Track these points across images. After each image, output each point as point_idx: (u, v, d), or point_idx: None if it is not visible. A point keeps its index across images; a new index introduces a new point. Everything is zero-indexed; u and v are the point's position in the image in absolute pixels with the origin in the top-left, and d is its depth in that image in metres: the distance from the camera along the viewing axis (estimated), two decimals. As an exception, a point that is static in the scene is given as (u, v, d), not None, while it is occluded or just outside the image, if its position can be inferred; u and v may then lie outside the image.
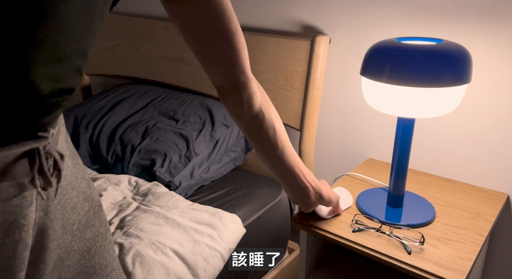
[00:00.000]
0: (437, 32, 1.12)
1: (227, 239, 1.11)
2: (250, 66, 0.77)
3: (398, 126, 0.97)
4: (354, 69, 1.29)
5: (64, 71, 0.47)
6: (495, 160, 1.12)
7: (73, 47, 0.47)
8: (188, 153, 1.34)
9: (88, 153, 1.50)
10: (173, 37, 1.63)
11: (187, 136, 1.38)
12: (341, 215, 1.03)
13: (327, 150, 1.44)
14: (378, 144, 1.31)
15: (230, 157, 1.44)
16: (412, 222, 0.98)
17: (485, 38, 1.05)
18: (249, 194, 1.32)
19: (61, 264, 0.59)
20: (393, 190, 1.03)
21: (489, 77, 1.07)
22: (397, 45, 0.86)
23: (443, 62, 0.82)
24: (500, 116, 1.08)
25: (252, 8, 1.46)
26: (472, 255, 0.88)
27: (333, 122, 1.39)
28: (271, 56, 1.36)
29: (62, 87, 0.47)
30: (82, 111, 1.62)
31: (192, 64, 1.59)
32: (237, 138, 1.45)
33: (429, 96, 0.85)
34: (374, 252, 0.91)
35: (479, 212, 1.03)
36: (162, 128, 1.43)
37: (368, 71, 0.90)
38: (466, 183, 1.17)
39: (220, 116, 1.44)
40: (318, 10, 1.31)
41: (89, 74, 2.00)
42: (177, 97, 1.59)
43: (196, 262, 1.03)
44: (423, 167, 1.24)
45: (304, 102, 1.31)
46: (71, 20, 0.44)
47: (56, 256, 0.57)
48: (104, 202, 1.20)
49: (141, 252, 0.99)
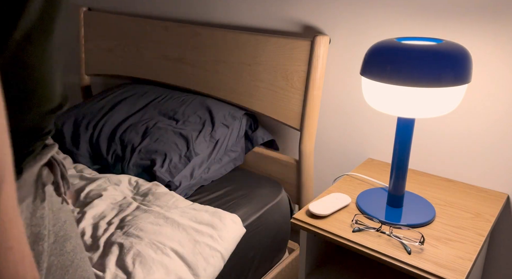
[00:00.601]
0: (437, 32, 1.12)
1: (227, 239, 1.11)
2: (250, 66, 0.76)
3: (398, 126, 0.97)
4: (354, 69, 1.29)
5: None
6: (495, 160, 1.12)
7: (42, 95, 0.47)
8: (188, 153, 1.34)
9: (88, 153, 1.51)
10: (173, 37, 1.63)
11: (187, 136, 1.38)
12: (341, 215, 1.03)
13: (327, 150, 1.44)
14: (378, 144, 1.31)
15: (230, 157, 1.44)
16: (412, 222, 0.98)
17: (485, 38, 1.05)
18: (249, 194, 1.32)
19: None
20: (393, 190, 1.03)
21: (489, 77, 1.07)
22: (397, 45, 0.86)
23: (443, 62, 0.82)
24: (500, 116, 1.08)
25: (252, 8, 1.46)
26: (472, 255, 0.88)
27: (333, 122, 1.39)
28: (271, 56, 1.36)
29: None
30: (82, 111, 1.62)
31: (192, 64, 1.59)
32: (237, 138, 1.45)
33: (429, 96, 0.85)
34: (374, 252, 0.91)
35: (479, 212, 1.03)
36: (162, 128, 1.43)
37: (368, 71, 0.90)
38: (466, 183, 1.18)
39: (220, 116, 1.44)
40: (318, 10, 1.31)
41: (89, 74, 2.00)
42: (177, 97, 1.59)
43: (196, 262, 1.03)
44: (423, 167, 1.24)
45: (304, 102, 1.31)
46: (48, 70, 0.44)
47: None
48: (104, 202, 1.20)
49: (141, 252, 0.99)
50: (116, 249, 1.01)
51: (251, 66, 1.41)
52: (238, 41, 1.43)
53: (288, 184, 1.46)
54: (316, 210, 1.02)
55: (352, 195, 1.12)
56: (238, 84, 1.46)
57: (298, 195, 1.43)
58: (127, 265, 0.97)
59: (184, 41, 1.60)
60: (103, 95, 1.72)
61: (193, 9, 1.64)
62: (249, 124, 1.50)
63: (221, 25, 1.57)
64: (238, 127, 1.44)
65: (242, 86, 1.45)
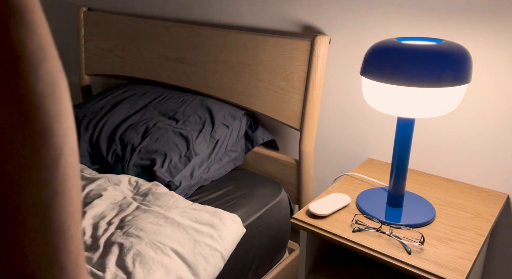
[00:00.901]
0: (437, 32, 1.12)
1: (227, 239, 1.11)
2: (250, 66, 0.76)
3: (398, 126, 0.97)
4: (354, 69, 1.29)
5: None
6: (495, 160, 1.12)
7: None
8: (188, 153, 1.34)
9: (88, 153, 1.51)
10: (173, 37, 1.63)
11: (187, 136, 1.38)
12: (341, 215, 1.03)
13: (327, 150, 1.44)
14: (378, 144, 1.31)
15: (230, 157, 1.44)
16: (412, 222, 0.98)
17: (485, 38, 1.05)
18: (249, 194, 1.32)
19: None
20: (393, 190, 1.03)
21: (489, 77, 1.07)
22: (397, 45, 0.86)
23: (443, 62, 0.82)
24: (500, 116, 1.08)
25: (252, 8, 1.46)
26: (472, 255, 0.88)
27: (333, 122, 1.39)
28: (271, 56, 1.36)
29: None
30: (82, 111, 1.62)
31: (192, 64, 1.60)
32: (237, 138, 1.45)
33: (429, 96, 0.85)
34: (374, 252, 0.91)
35: (479, 212, 1.04)
36: (162, 128, 1.43)
37: (368, 71, 0.90)
38: (466, 183, 1.18)
39: (220, 116, 1.44)
40: (318, 10, 1.31)
41: (89, 74, 2.00)
42: (177, 97, 1.59)
43: (196, 262, 1.03)
44: (423, 167, 1.24)
45: (304, 102, 1.31)
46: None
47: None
48: (104, 202, 1.20)
49: (141, 252, 0.99)
50: (116, 249, 1.01)
51: (251, 66, 1.41)
52: (238, 41, 1.43)
53: (288, 184, 1.46)
54: (316, 210, 1.02)
55: (352, 195, 1.12)
56: (238, 84, 1.46)
57: (298, 195, 1.43)
58: (127, 265, 0.97)
59: (184, 41, 1.60)
60: (103, 95, 1.72)
61: (193, 9, 1.64)
62: (249, 124, 1.50)
63: (221, 25, 1.57)
64: (238, 127, 1.45)
65: (242, 86, 1.45)
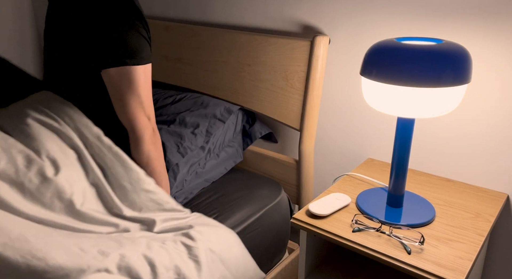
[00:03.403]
0: (437, 32, 1.12)
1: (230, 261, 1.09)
2: (250, 66, 0.76)
3: (398, 126, 0.97)
4: (354, 69, 1.29)
5: None
6: (495, 160, 1.12)
7: None
8: (182, 149, 1.33)
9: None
10: (173, 37, 1.63)
11: (181, 132, 1.37)
12: (341, 215, 1.03)
13: (327, 150, 1.44)
14: (378, 144, 1.31)
15: (227, 153, 1.44)
16: (412, 222, 0.98)
17: (485, 38, 1.05)
18: (249, 194, 1.32)
19: None
20: (393, 190, 1.03)
21: (489, 77, 1.07)
22: (397, 45, 0.86)
23: (443, 62, 0.82)
24: (500, 116, 1.08)
25: (252, 8, 1.46)
26: (472, 255, 0.88)
27: (333, 122, 1.39)
28: (271, 56, 1.36)
29: None
30: (82, 111, 1.62)
31: (192, 64, 1.59)
32: (234, 133, 1.44)
33: (429, 96, 0.85)
34: (374, 252, 0.91)
35: (479, 212, 1.04)
36: (159, 128, 1.42)
37: (368, 71, 0.90)
38: (466, 183, 1.18)
39: (216, 111, 1.44)
40: (318, 10, 1.31)
41: (89, 74, 2.00)
42: (173, 95, 1.58)
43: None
44: (423, 167, 1.24)
45: (304, 102, 1.31)
46: None
47: None
48: None
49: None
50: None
51: (251, 66, 1.41)
52: (238, 41, 1.43)
53: (288, 184, 1.46)
54: (316, 210, 1.02)
55: (352, 195, 1.12)
56: (238, 84, 1.46)
57: (298, 195, 1.43)
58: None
59: (184, 41, 1.60)
60: (103, 95, 1.71)
61: (193, 9, 1.64)
62: (246, 119, 1.49)
63: (221, 25, 1.57)
64: (234, 121, 1.44)
65: (242, 86, 1.45)
